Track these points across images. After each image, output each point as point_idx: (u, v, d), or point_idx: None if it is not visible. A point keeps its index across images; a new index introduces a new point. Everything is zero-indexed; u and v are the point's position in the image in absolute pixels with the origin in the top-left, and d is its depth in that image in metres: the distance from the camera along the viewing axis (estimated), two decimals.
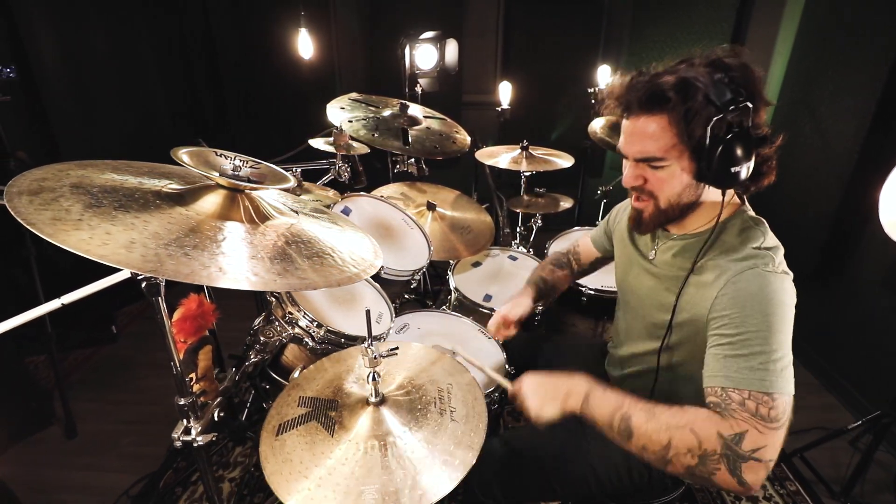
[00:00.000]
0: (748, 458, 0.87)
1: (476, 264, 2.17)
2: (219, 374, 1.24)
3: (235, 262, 0.79)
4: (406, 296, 2.13)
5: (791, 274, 1.01)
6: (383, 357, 1.03)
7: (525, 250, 2.36)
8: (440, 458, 0.94)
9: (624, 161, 1.09)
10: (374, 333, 1.44)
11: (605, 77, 2.54)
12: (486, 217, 2.25)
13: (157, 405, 2.37)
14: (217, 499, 1.20)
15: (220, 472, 2.05)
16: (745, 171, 0.97)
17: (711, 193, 1.06)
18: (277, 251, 0.85)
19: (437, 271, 2.84)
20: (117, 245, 0.68)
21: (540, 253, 2.27)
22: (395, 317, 1.69)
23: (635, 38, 3.12)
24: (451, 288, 2.00)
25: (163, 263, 0.70)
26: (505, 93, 2.56)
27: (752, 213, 1.11)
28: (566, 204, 2.40)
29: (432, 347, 1.58)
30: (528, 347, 1.68)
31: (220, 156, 1.04)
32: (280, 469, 0.93)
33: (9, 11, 2.20)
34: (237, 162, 1.00)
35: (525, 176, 2.40)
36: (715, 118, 0.93)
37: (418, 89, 2.46)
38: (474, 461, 0.94)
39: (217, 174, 0.89)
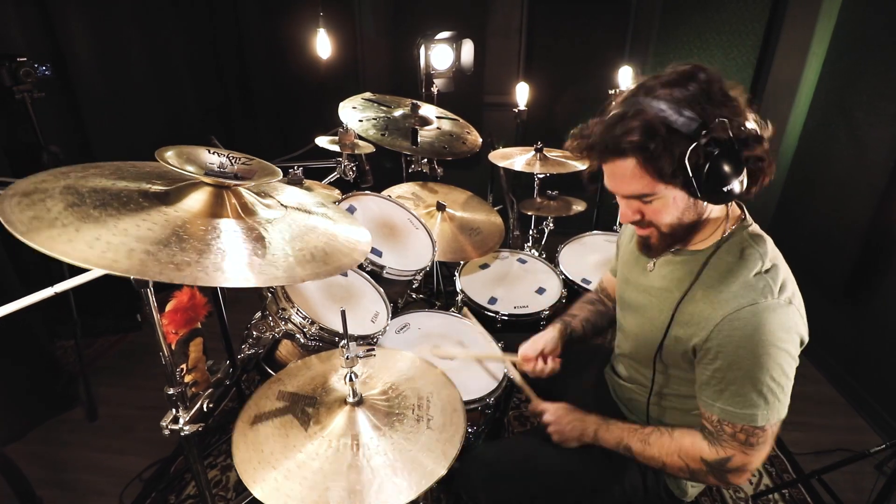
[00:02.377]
0: (734, 471, 1.01)
1: (484, 266, 2.16)
2: (212, 366, 1.27)
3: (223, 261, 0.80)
4: (414, 295, 2.14)
5: (794, 298, 0.98)
6: (360, 358, 1.04)
7: (536, 253, 2.33)
8: (410, 463, 0.94)
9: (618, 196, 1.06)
10: (367, 332, 1.47)
11: (627, 79, 2.48)
12: (496, 219, 2.24)
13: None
14: (205, 486, 1.23)
15: (229, 461, 2.11)
16: (738, 184, 0.92)
17: (714, 208, 1.04)
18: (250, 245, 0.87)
19: (450, 272, 2.84)
20: (82, 242, 0.71)
21: (552, 257, 2.23)
22: (398, 316, 1.70)
23: (662, 38, 3.04)
24: (458, 289, 1.99)
25: (120, 260, 0.72)
26: (522, 94, 2.53)
27: (753, 227, 1.07)
28: (579, 207, 2.36)
29: (432, 349, 1.60)
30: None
31: (213, 153, 1.07)
32: (250, 458, 0.96)
33: (46, 11, 2.32)
34: (223, 159, 1.02)
35: (539, 178, 2.38)
36: (690, 149, 0.89)
37: (434, 90, 2.46)
38: (444, 472, 0.93)
39: (195, 171, 0.91)
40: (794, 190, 2.87)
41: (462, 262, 2.12)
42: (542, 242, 2.45)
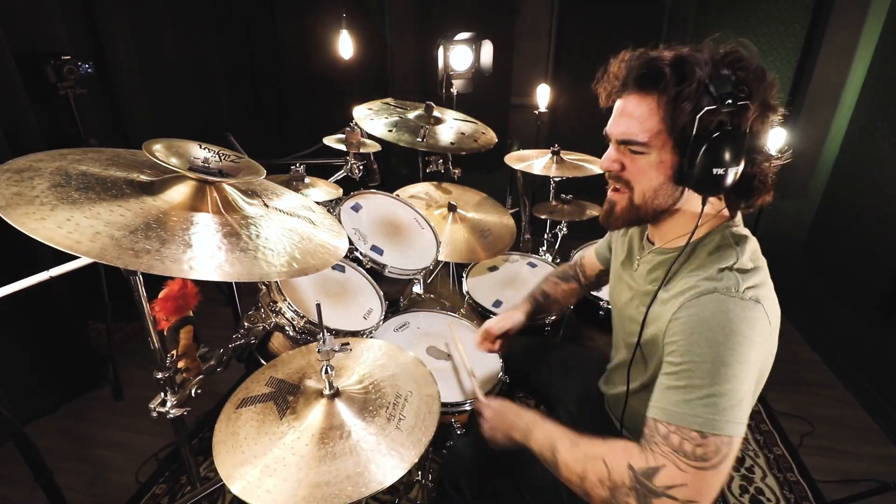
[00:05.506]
0: (660, 493, 0.82)
1: (493, 268, 2.15)
2: (206, 353, 1.32)
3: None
4: (422, 295, 2.14)
5: (765, 301, 0.89)
6: (336, 351, 1.05)
7: (549, 257, 2.29)
8: (365, 463, 0.93)
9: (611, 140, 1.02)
10: (358, 328, 1.49)
11: (544, 97, 2.43)
12: (508, 221, 2.22)
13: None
14: (192, 467, 1.28)
15: None
16: (730, 176, 0.88)
17: (692, 203, 0.99)
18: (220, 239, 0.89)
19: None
20: (53, 221, 0.75)
21: (565, 261, 2.19)
22: (399, 314, 1.71)
23: (697, 40, 2.92)
24: (464, 291, 1.99)
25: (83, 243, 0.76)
26: (543, 96, 2.50)
27: (739, 228, 1.00)
28: (593, 212, 2.31)
29: (427, 350, 1.61)
30: (527, 358, 1.64)
31: (204, 148, 1.11)
32: (226, 439, 0.99)
33: (90, 13, 2.47)
34: (212, 155, 1.06)
35: (554, 181, 2.34)
36: (706, 108, 0.85)
37: (453, 90, 2.47)
38: (403, 474, 0.93)
39: (179, 165, 0.95)
40: (833, 199, 2.70)
41: (472, 264, 2.11)
42: (556, 246, 2.41)
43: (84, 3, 2.45)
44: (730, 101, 0.84)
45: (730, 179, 0.88)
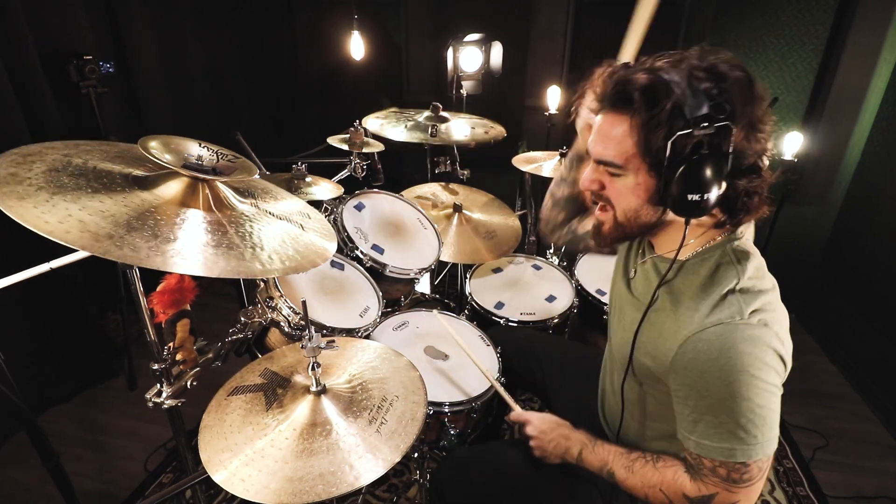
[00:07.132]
0: None
1: (497, 270, 2.14)
2: (205, 346, 1.36)
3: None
4: (426, 294, 2.15)
5: (773, 324, 0.87)
6: (322, 349, 1.07)
7: (556, 260, 2.28)
8: (340, 464, 0.94)
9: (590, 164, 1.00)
10: (354, 326, 1.50)
11: (555, 99, 2.40)
12: (514, 223, 2.21)
13: (206, 370, 2.62)
14: (186, 457, 1.31)
15: None
16: (712, 198, 0.83)
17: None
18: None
19: None
20: (30, 201, 0.78)
21: (571, 264, 2.18)
22: (400, 314, 1.72)
23: (716, 42, 2.86)
24: (466, 292, 1.99)
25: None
26: (553, 97, 2.49)
27: (741, 242, 0.96)
28: None
29: (424, 350, 1.61)
30: (527, 354, 1.63)
31: (203, 146, 1.14)
32: (212, 424, 1.02)
33: (113, 14, 2.55)
34: (208, 153, 1.09)
35: None
36: (679, 133, 0.81)
37: (463, 92, 2.47)
38: (375, 478, 0.93)
39: (173, 161, 0.98)
40: (853, 208, 2.62)
41: (475, 265, 2.11)
42: (563, 249, 2.39)
43: (107, 4, 2.53)
44: (705, 124, 0.80)
45: (711, 202, 0.84)
